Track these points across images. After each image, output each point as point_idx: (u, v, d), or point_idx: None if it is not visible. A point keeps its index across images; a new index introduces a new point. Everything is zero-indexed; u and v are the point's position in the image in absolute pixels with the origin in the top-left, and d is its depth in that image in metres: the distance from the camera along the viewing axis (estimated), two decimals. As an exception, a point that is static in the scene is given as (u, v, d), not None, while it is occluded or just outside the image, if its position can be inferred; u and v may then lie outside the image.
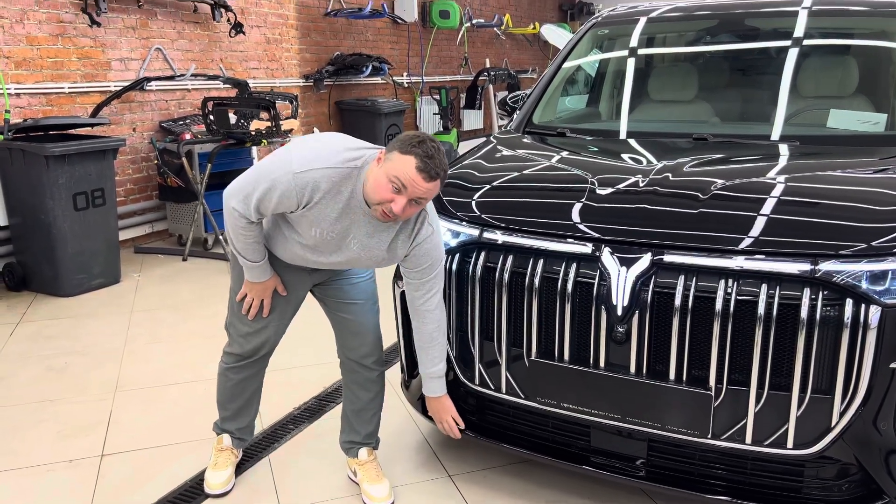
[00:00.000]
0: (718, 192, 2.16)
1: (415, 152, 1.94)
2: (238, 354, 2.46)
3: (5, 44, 4.89)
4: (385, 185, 1.95)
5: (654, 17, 3.48)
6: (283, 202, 2.03)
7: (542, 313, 2.19)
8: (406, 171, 1.93)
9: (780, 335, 1.90)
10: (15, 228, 4.79)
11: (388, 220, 2.02)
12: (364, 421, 2.56)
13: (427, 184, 1.95)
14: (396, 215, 1.98)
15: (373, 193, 1.99)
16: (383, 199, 1.97)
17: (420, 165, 1.93)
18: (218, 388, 2.57)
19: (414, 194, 1.96)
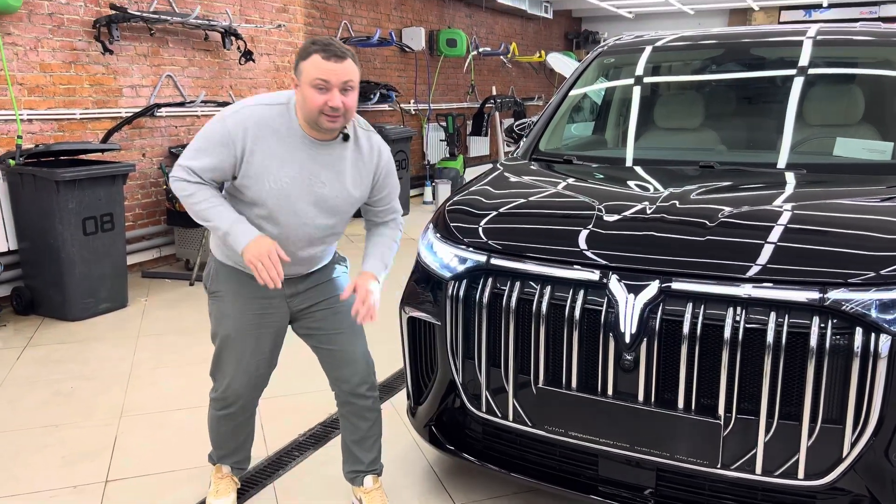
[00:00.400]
0: (726, 219, 2.16)
1: (313, 49, 2.04)
2: (223, 399, 2.40)
3: (19, 71, 4.96)
4: (312, 93, 2.03)
5: (660, 46, 3.52)
6: (220, 151, 2.09)
7: (550, 340, 2.18)
8: (318, 67, 2.02)
9: (790, 364, 1.89)
10: (24, 253, 4.82)
11: (337, 121, 2.07)
12: (366, 449, 2.53)
13: (341, 64, 2.03)
14: (339, 107, 2.04)
15: (309, 109, 2.06)
16: (319, 106, 2.04)
17: (324, 55, 2.02)
18: (210, 432, 2.53)
19: (339, 82, 2.03)
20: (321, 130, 2.12)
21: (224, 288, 2.34)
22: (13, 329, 4.56)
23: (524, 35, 13.50)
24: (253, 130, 2.09)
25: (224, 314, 2.33)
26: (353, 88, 2.08)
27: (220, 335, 2.35)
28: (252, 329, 2.32)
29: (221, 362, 2.38)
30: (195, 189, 2.13)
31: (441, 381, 2.50)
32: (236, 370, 2.35)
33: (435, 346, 2.50)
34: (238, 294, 2.31)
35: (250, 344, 2.33)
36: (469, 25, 11.34)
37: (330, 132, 2.13)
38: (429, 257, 2.56)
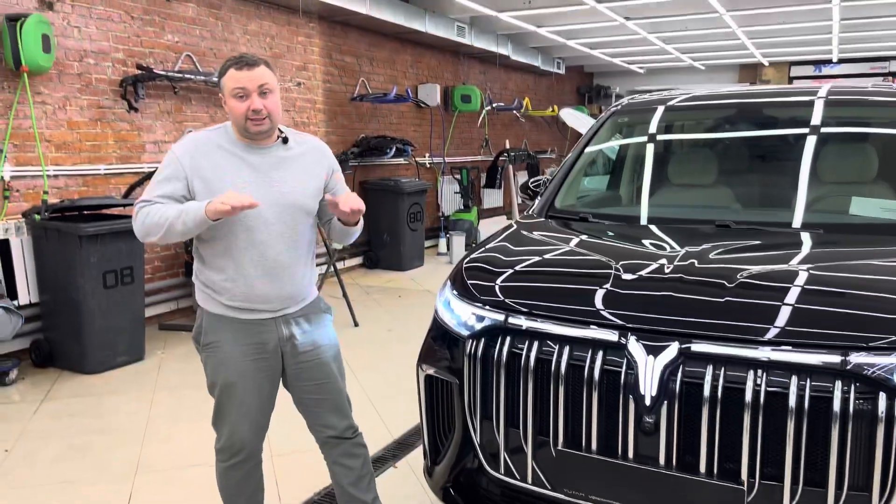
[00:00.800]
0: (745, 280, 2.16)
1: (227, 65, 2.27)
2: (229, 448, 2.43)
3: (48, 128, 5.12)
4: (234, 103, 2.25)
5: (673, 105, 3.58)
6: (172, 175, 2.28)
7: (569, 401, 2.16)
8: (234, 79, 2.24)
9: (813, 428, 1.86)
10: (45, 305, 4.88)
11: (262, 123, 2.26)
12: (363, 489, 2.58)
13: (253, 70, 2.24)
14: (260, 110, 2.24)
15: (236, 118, 2.28)
16: (243, 112, 2.24)
17: (236, 66, 2.25)
18: (220, 490, 2.53)
19: (255, 87, 2.23)
20: (253, 136, 2.30)
21: (219, 338, 2.38)
22: (31, 382, 4.58)
23: (537, 90, 13.75)
24: (196, 149, 2.30)
25: (222, 363, 2.37)
26: (272, 91, 2.28)
27: (220, 384, 2.39)
28: (251, 374, 2.38)
29: (223, 411, 2.42)
30: (150, 208, 2.27)
31: (458, 441, 2.48)
32: (239, 417, 2.40)
33: (452, 404, 2.48)
34: (234, 342, 2.36)
35: (251, 389, 2.38)
36: (483, 81, 11.58)
37: (263, 135, 2.32)
38: (446, 315, 2.57)
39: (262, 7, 6.99)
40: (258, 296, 2.35)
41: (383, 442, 3.66)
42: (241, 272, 2.32)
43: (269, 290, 2.34)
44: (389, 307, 6.64)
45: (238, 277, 2.32)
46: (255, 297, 2.35)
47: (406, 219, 8.44)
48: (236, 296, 2.34)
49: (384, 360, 5.06)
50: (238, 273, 2.32)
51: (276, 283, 2.35)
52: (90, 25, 5.36)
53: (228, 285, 2.33)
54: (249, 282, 2.33)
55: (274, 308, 2.38)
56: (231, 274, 2.33)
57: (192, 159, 2.29)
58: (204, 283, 2.40)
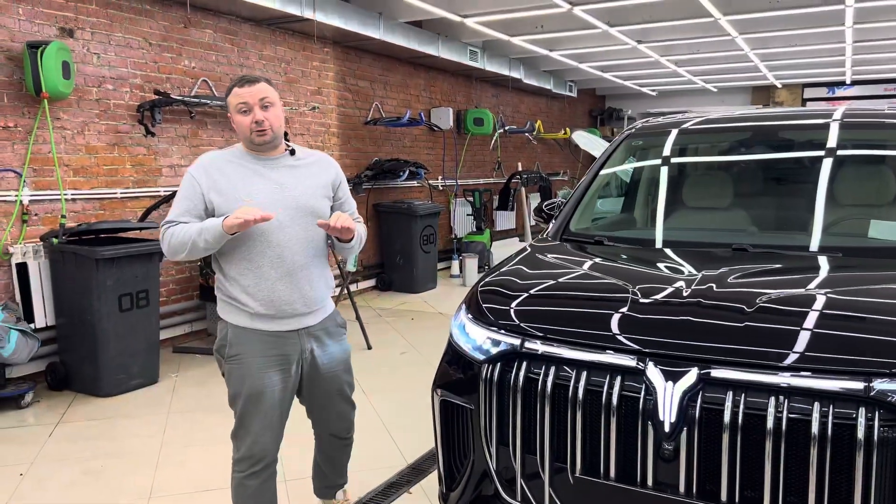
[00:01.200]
0: (764, 304, 2.14)
1: (231, 85, 2.48)
2: (250, 457, 2.53)
3: (66, 153, 5.18)
4: (239, 118, 2.46)
5: (687, 128, 3.57)
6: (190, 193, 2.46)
7: (587, 427, 2.14)
8: (237, 95, 2.45)
9: (837, 456, 1.83)
10: (61, 328, 4.91)
11: (265, 134, 2.45)
12: (337, 472, 2.96)
13: (254, 86, 2.44)
14: (262, 121, 2.43)
15: (242, 132, 2.48)
16: (248, 125, 2.45)
17: (238, 84, 2.46)
18: (235, 501, 2.58)
19: (256, 100, 2.43)
20: (260, 147, 2.50)
21: (244, 350, 2.50)
22: (46, 405, 4.60)
23: (549, 113, 13.80)
24: (211, 166, 2.49)
25: (246, 374, 2.49)
26: (273, 105, 2.47)
27: (245, 395, 2.50)
28: (274, 385, 2.51)
29: (246, 421, 2.52)
30: (175, 228, 2.44)
31: (474, 467, 2.45)
32: (262, 427, 2.51)
33: (468, 430, 2.46)
34: (259, 353, 2.49)
35: (273, 399, 2.52)
36: (495, 105, 11.64)
37: (268, 146, 2.51)
38: (461, 339, 2.56)
39: (277, 32, 7.09)
40: (280, 298, 2.48)
41: (397, 467, 3.63)
42: (261, 275, 2.46)
43: (290, 292, 2.49)
44: (403, 330, 6.63)
45: (259, 281, 2.46)
46: (278, 299, 2.48)
47: (419, 241, 8.45)
48: (260, 300, 2.47)
49: (398, 383, 5.04)
50: (259, 277, 2.46)
51: (295, 283, 2.50)
52: (109, 52, 5.46)
53: (251, 290, 2.47)
54: (270, 284, 2.47)
55: (297, 311, 2.52)
56: (252, 279, 2.46)
57: (207, 176, 2.46)
58: (227, 295, 2.52)
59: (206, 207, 2.46)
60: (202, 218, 2.46)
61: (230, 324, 2.52)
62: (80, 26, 5.24)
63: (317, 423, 2.80)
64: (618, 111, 15.99)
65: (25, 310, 4.82)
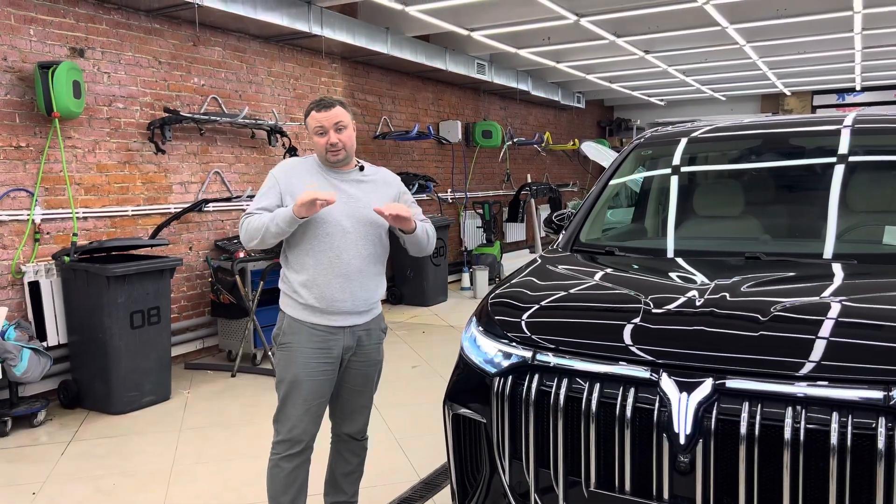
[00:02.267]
0: (779, 313, 2.11)
1: (310, 108, 2.71)
2: (289, 440, 2.71)
3: (77, 171, 5.22)
4: (316, 139, 2.70)
5: (695, 137, 3.55)
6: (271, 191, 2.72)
7: (601, 440, 2.11)
8: (314, 118, 2.68)
9: (857, 467, 1.79)
10: (73, 346, 4.93)
11: (339, 153, 2.70)
12: (351, 482, 2.97)
13: (330, 111, 2.67)
14: (336, 143, 2.67)
15: (318, 150, 2.73)
16: (323, 145, 2.68)
17: (315, 108, 2.69)
18: (269, 484, 2.77)
19: (331, 124, 2.66)
20: (333, 164, 2.74)
21: (294, 339, 2.71)
22: (59, 423, 4.60)
23: (557, 124, 13.81)
24: (291, 171, 2.76)
25: (293, 361, 2.70)
26: (346, 127, 2.70)
27: (288, 380, 2.70)
28: (316, 375, 2.70)
29: (288, 406, 2.71)
30: (252, 218, 2.68)
31: (487, 482, 2.42)
32: (302, 411, 2.70)
33: (481, 444, 2.44)
34: (306, 344, 2.69)
35: (315, 387, 2.70)
36: (504, 117, 11.66)
37: (341, 163, 2.75)
38: (472, 352, 2.54)
39: (285, 49, 7.14)
40: (332, 295, 2.68)
41: (410, 482, 3.60)
42: (319, 272, 2.67)
43: (342, 291, 2.69)
44: (414, 344, 6.61)
45: (316, 277, 2.67)
46: (330, 296, 2.68)
47: (430, 254, 8.44)
48: (314, 294, 2.67)
49: (410, 397, 5.01)
50: (316, 273, 2.67)
51: (348, 284, 2.69)
52: (119, 71, 5.51)
53: (308, 284, 2.68)
54: (325, 280, 2.67)
55: (346, 309, 2.70)
56: (310, 274, 2.68)
57: (286, 179, 2.73)
58: (288, 287, 2.74)
59: (282, 206, 2.68)
60: None
61: (287, 314, 2.75)
62: (91, 46, 5.30)
63: (338, 419, 2.90)
64: (626, 121, 15.98)
65: (38, 328, 4.84)
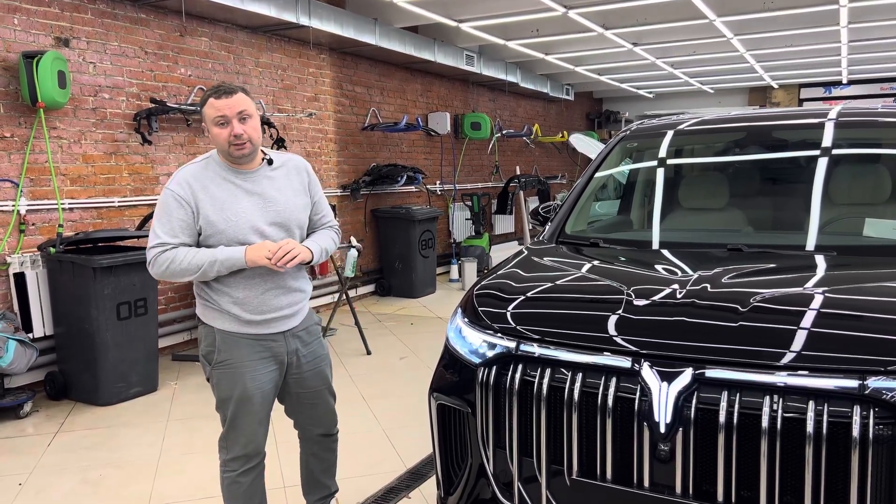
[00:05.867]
0: (759, 304, 2.14)
1: (207, 95, 2.42)
2: (245, 456, 2.59)
3: (63, 162, 5.19)
4: (217, 130, 2.41)
5: (682, 129, 3.58)
6: (178, 211, 2.42)
7: (583, 429, 2.14)
8: (214, 107, 2.39)
9: (832, 455, 1.83)
10: (59, 338, 4.91)
11: (244, 147, 2.42)
12: (330, 476, 2.93)
13: (231, 98, 2.39)
14: (241, 135, 2.39)
15: (219, 144, 2.43)
16: (225, 138, 2.40)
17: (215, 94, 2.40)
18: (228, 501, 2.65)
19: (234, 113, 2.38)
20: (238, 159, 2.46)
21: (234, 355, 2.53)
22: (45, 415, 4.59)
23: (546, 116, 13.82)
24: (194, 184, 2.44)
25: (238, 377, 2.53)
26: (251, 116, 2.43)
27: (236, 398, 2.53)
28: (265, 384, 2.57)
29: (239, 423, 2.56)
30: (173, 253, 2.42)
31: (472, 471, 2.45)
32: (255, 426, 2.58)
33: (465, 434, 2.46)
34: (249, 357, 2.53)
35: (264, 399, 2.58)
36: (493, 109, 11.66)
37: (247, 159, 2.48)
38: (457, 342, 2.56)
39: (273, 39, 7.10)
40: (270, 305, 2.54)
41: (396, 472, 3.62)
42: (252, 286, 2.50)
43: (279, 300, 2.56)
44: (402, 335, 6.62)
45: (250, 292, 2.50)
46: (268, 307, 2.53)
47: (418, 246, 8.46)
48: (250, 310, 2.51)
49: (397, 388, 5.03)
50: (250, 288, 2.50)
51: (283, 291, 2.56)
52: (105, 61, 5.47)
53: (242, 300, 2.50)
54: (261, 293, 2.52)
55: (284, 315, 2.57)
56: (243, 290, 2.50)
57: (192, 195, 2.43)
58: (215, 303, 2.53)
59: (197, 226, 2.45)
60: (195, 237, 2.46)
61: (218, 329, 2.53)
62: (76, 36, 5.26)
63: (306, 423, 2.80)
64: (615, 114, 16.01)
65: (24, 319, 4.82)
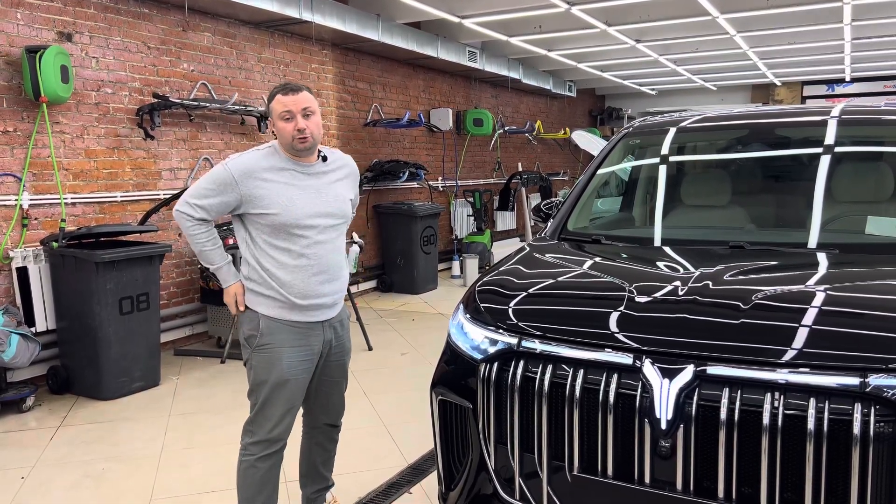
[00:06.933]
0: (760, 301, 2.14)
1: (275, 92, 2.57)
2: (269, 440, 2.66)
3: (65, 157, 5.20)
4: (282, 124, 2.54)
5: (684, 126, 3.57)
6: (225, 192, 2.55)
7: (584, 425, 2.15)
8: (281, 103, 2.54)
9: (833, 452, 1.83)
10: (62, 332, 4.92)
11: (306, 141, 2.55)
12: (329, 468, 3.01)
13: (297, 95, 2.54)
14: (304, 129, 2.53)
15: (284, 137, 2.56)
16: (289, 132, 2.53)
17: (282, 91, 2.56)
18: (242, 485, 2.69)
19: (299, 109, 2.53)
20: (300, 152, 2.59)
21: (275, 339, 2.62)
22: (47, 409, 4.60)
23: (549, 113, 13.80)
24: (252, 170, 2.56)
25: (276, 362, 2.62)
26: (314, 113, 2.58)
27: (272, 382, 2.62)
28: (300, 373, 2.66)
29: (269, 407, 2.64)
30: (199, 228, 2.62)
31: (473, 466, 2.45)
32: (285, 411, 2.66)
33: (467, 429, 2.47)
34: (289, 343, 2.63)
35: (298, 386, 2.67)
36: (495, 105, 11.65)
37: (307, 152, 2.61)
38: (459, 339, 2.57)
39: (275, 35, 7.10)
40: (315, 292, 2.63)
41: (398, 467, 3.63)
42: (299, 273, 2.60)
43: (323, 287, 2.65)
44: (403, 331, 6.63)
45: (296, 278, 2.60)
46: (313, 294, 2.62)
47: (419, 242, 8.46)
48: (296, 295, 2.60)
49: (398, 384, 5.04)
50: (296, 274, 2.60)
51: (328, 280, 2.66)
52: (108, 56, 5.47)
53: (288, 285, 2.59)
54: (306, 279, 2.61)
55: (326, 304, 2.67)
56: (290, 275, 2.60)
57: (245, 181, 2.55)
58: (262, 287, 2.63)
59: (237, 206, 2.60)
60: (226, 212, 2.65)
61: (262, 314, 2.64)
62: (79, 30, 5.26)
63: (318, 411, 2.87)
64: (617, 110, 15.99)
65: (26, 314, 4.83)
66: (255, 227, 2.62)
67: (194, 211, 2.60)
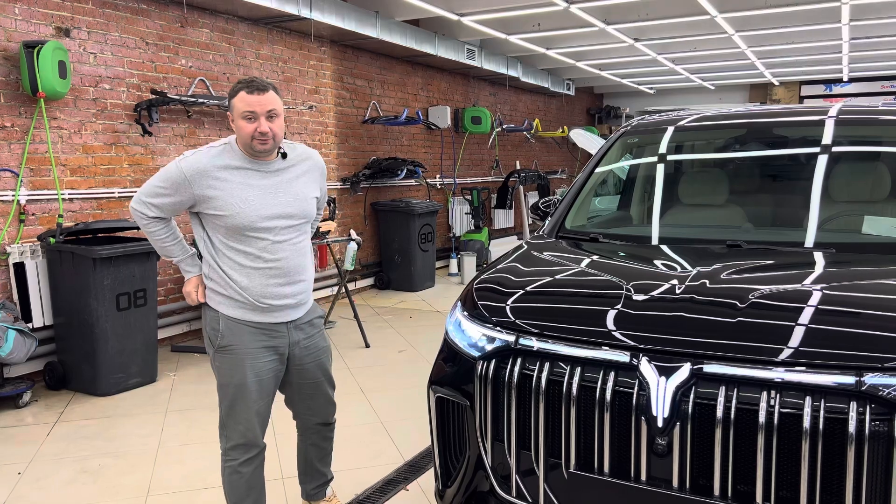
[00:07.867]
0: (757, 300, 2.15)
1: (239, 87, 2.44)
2: (244, 445, 2.60)
3: (63, 153, 5.19)
4: (243, 124, 2.42)
5: (682, 125, 3.58)
6: (179, 191, 2.46)
7: (581, 423, 2.15)
8: (245, 101, 2.40)
9: (828, 450, 1.84)
10: (59, 328, 4.92)
11: (267, 143, 2.45)
12: (327, 464, 2.98)
13: (263, 95, 2.41)
14: (266, 132, 2.42)
15: (243, 137, 2.45)
16: (251, 132, 2.42)
17: (248, 90, 2.42)
18: (229, 491, 2.65)
19: (263, 111, 2.41)
20: (258, 153, 2.48)
21: (236, 341, 2.55)
22: (44, 404, 4.60)
23: (547, 111, 13.81)
24: (206, 170, 2.46)
25: (238, 364, 2.55)
26: (279, 115, 2.47)
27: (235, 384, 2.56)
28: (264, 374, 2.59)
29: (237, 410, 2.58)
30: (155, 225, 2.56)
31: (470, 464, 2.46)
32: (252, 414, 2.58)
33: (464, 427, 2.47)
34: (251, 344, 2.56)
35: (263, 389, 2.59)
36: (493, 103, 11.64)
37: (266, 153, 2.51)
38: (456, 336, 2.57)
39: (274, 31, 7.09)
40: (274, 294, 2.55)
41: (395, 464, 3.64)
42: (257, 275, 2.53)
43: (283, 290, 2.57)
44: (401, 328, 6.64)
45: (254, 280, 2.53)
46: (272, 296, 2.55)
47: (417, 240, 8.46)
48: (255, 297, 2.53)
49: (395, 381, 5.05)
50: (254, 276, 2.53)
51: (288, 282, 2.58)
52: (106, 51, 5.46)
53: (247, 287, 2.53)
54: (265, 282, 2.54)
55: (288, 305, 2.59)
56: (248, 278, 2.53)
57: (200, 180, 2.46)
58: (221, 288, 2.56)
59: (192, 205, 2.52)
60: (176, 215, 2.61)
61: (223, 314, 2.57)
62: (77, 26, 5.24)
63: (306, 413, 2.83)
64: (616, 109, 15.99)
65: (23, 309, 4.82)
66: (211, 228, 2.54)
67: (148, 210, 2.53)
